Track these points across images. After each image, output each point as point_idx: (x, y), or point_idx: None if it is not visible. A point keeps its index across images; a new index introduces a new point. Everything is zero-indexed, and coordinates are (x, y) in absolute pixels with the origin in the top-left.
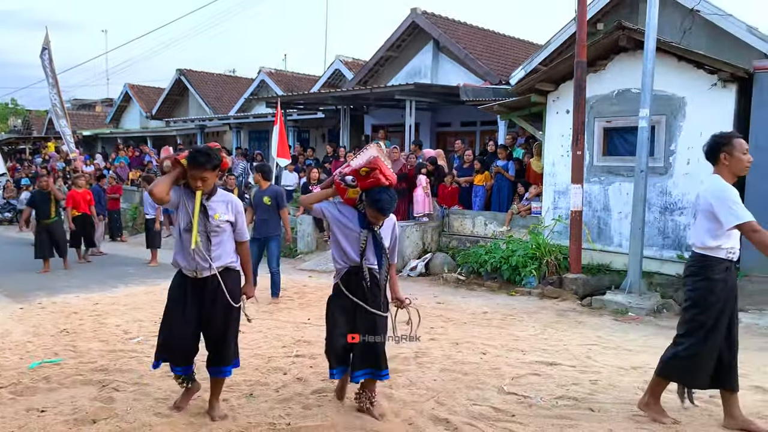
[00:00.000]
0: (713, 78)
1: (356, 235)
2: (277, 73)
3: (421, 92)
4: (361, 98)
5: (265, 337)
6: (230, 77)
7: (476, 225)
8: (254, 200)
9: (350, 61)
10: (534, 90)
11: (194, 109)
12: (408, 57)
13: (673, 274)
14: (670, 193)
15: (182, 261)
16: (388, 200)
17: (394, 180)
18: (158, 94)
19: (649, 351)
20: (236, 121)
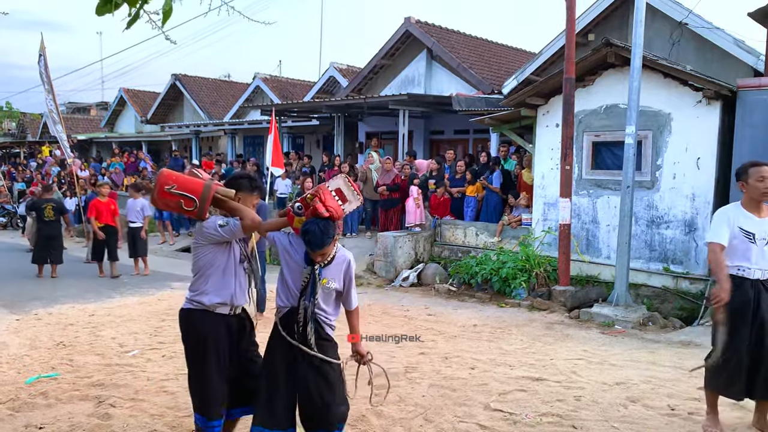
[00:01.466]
0: (698, 95)
1: (299, 271)
2: (272, 79)
3: (415, 102)
4: (355, 106)
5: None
6: (225, 82)
7: (468, 235)
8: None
9: (344, 68)
10: (524, 104)
11: (189, 114)
12: (402, 65)
13: (659, 286)
14: (657, 207)
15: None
16: (316, 233)
17: (336, 214)
18: (153, 98)
19: (632, 366)
20: (231, 126)
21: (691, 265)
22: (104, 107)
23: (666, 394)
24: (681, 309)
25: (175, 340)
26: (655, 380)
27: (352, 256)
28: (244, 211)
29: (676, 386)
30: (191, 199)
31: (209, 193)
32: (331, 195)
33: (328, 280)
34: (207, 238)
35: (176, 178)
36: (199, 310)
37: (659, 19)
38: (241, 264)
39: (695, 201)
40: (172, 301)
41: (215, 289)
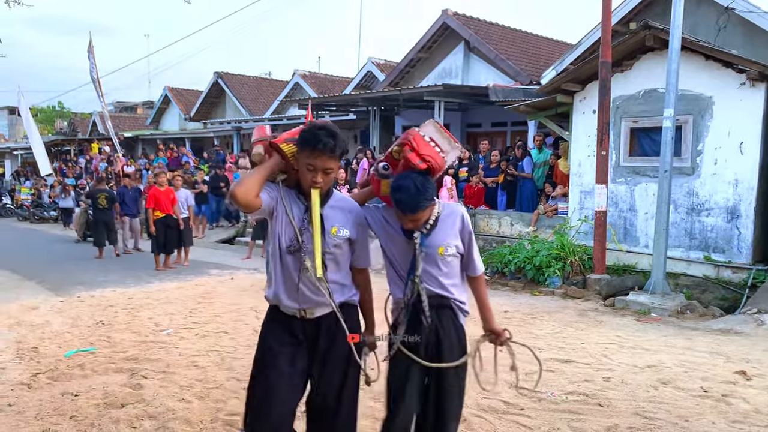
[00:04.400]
0: (741, 77)
1: (406, 244)
2: (311, 76)
3: (450, 93)
4: (391, 99)
5: None
6: (266, 80)
7: (502, 225)
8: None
9: (382, 63)
10: (560, 90)
11: (231, 111)
12: (439, 58)
13: (699, 276)
14: (697, 194)
15: (283, 295)
16: (411, 190)
17: (436, 164)
18: (196, 96)
19: (666, 350)
20: (271, 122)
21: (734, 254)
22: (150, 106)
23: (700, 377)
24: (722, 299)
25: (208, 321)
26: (689, 364)
27: (463, 209)
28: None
29: (712, 370)
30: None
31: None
32: (425, 141)
33: (445, 247)
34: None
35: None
36: (270, 304)
37: (705, 5)
38: (289, 252)
39: (738, 187)
40: (209, 286)
41: (269, 281)
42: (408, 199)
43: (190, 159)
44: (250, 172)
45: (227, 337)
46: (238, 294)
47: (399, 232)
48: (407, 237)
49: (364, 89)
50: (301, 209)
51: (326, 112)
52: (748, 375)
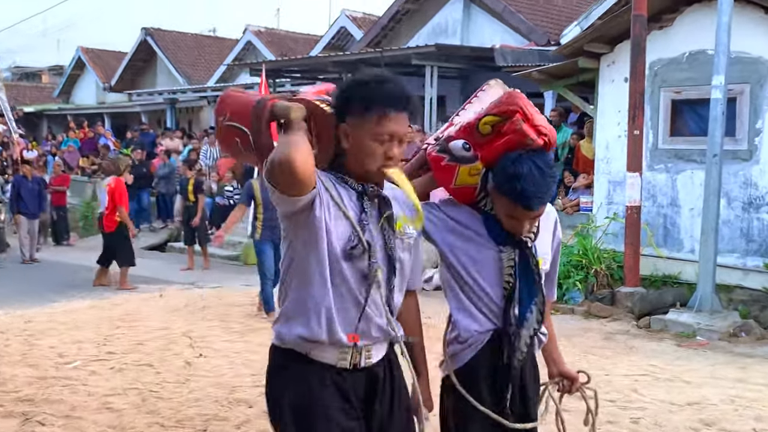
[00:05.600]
0: None
1: (493, 258)
2: (267, 33)
3: (446, 56)
4: (370, 64)
5: (231, 363)
6: (209, 38)
7: None
8: (264, 195)
9: (359, 16)
10: (583, 52)
11: (164, 79)
12: (432, 10)
13: (759, 288)
14: (756, 184)
15: (336, 327)
16: (537, 178)
17: (553, 139)
18: (119, 59)
19: (713, 383)
20: (215, 93)
21: None
22: (59, 72)
23: (753, 416)
24: None
25: (128, 350)
26: (741, 400)
27: (554, 211)
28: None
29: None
30: (244, 132)
31: (261, 114)
32: (535, 109)
33: (543, 260)
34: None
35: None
36: (281, 349)
37: None
38: (348, 259)
39: None
40: (131, 305)
41: (298, 308)
42: (536, 189)
43: (110, 141)
44: (294, 136)
45: (151, 372)
46: (168, 315)
47: (487, 238)
48: (499, 245)
49: (337, 50)
50: (352, 196)
51: (287, 79)
52: None
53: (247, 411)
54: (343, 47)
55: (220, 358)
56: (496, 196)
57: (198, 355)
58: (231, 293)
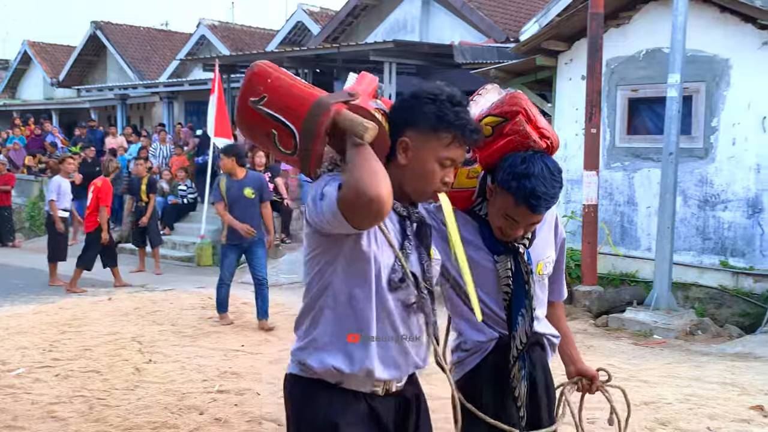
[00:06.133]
0: (764, 34)
1: (490, 268)
2: (222, 27)
3: (404, 52)
4: (328, 59)
5: (182, 368)
6: (161, 32)
7: None
8: (230, 194)
9: (317, 11)
10: (541, 50)
11: (114, 74)
12: (390, 6)
13: (714, 286)
14: (712, 182)
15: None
16: (547, 178)
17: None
18: (68, 54)
19: (669, 382)
20: (168, 89)
21: (755, 258)
22: (4, 66)
23: (707, 414)
24: (742, 315)
25: (75, 356)
26: (696, 399)
27: (556, 212)
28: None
29: (723, 406)
30: (289, 130)
31: (321, 119)
32: (537, 110)
33: (544, 263)
34: (311, 220)
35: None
36: (306, 378)
37: None
38: (393, 290)
39: (760, 173)
40: (78, 310)
41: (335, 339)
42: (546, 190)
43: (58, 138)
44: (373, 163)
45: (99, 378)
46: (117, 320)
47: (482, 247)
48: (494, 254)
49: (293, 45)
50: (394, 219)
51: (242, 75)
52: (766, 411)
53: (198, 418)
54: (299, 42)
55: (171, 363)
56: (499, 195)
57: (147, 361)
58: (183, 296)
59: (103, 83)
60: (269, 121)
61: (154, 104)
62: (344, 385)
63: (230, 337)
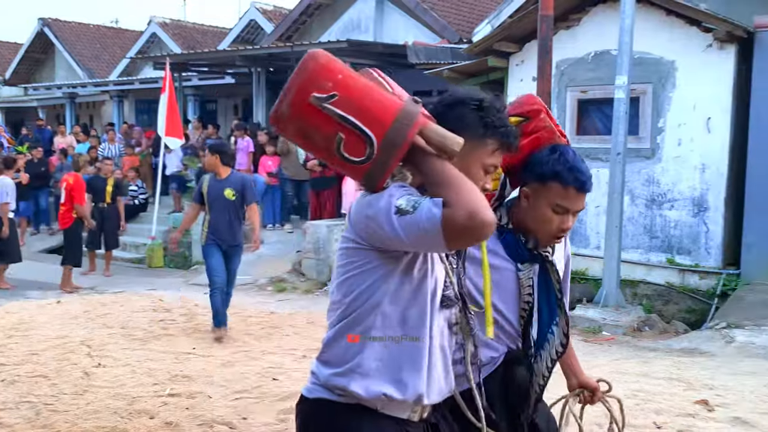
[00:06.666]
0: (708, 37)
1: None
2: (174, 25)
3: (359, 51)
4: (281, 58)
5: (132, 372)
6: (111, 30)
7: None
8: (210, 193)
9: (270, 9)
10: (493, 51)
11: (63, 72)
12: (344, 6)
13: (662, 283)
14: (658, 182)
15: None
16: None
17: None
18: (14, 51)
19: (617, 378)
20: (118, 87)
21: (701, 256)
22: None
23: (654, 410)
24: (688, 311)
25: (21, 361)
26: (643, 394)
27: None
28: (458, 186)
29: (669, 401)
30: (364, 136)
31: (410, 131)
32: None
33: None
34: (368, 234)
35: (345, 77)
36: (346, 405)
37: None
38: (442, 308)
39: (705, 173)
40: (25, 313)
41: (383, 365)
42: (586, 169)
43: (4, 138)
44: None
45: (46, 383)
46: (66, 323)
47: (502, 252)
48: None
49: (246, 44)
50: None
51: (194, 73)
52: (711, 405)
53: (149, 422)
54: (252, 41)
55: (121, 367)
56: (539, 192)
57: (97, 365)
58: (134, 298)
59: (51, 81)
60: (337, 123)
61: (103, 103)
62: (384, 411)
63: (181, 339)
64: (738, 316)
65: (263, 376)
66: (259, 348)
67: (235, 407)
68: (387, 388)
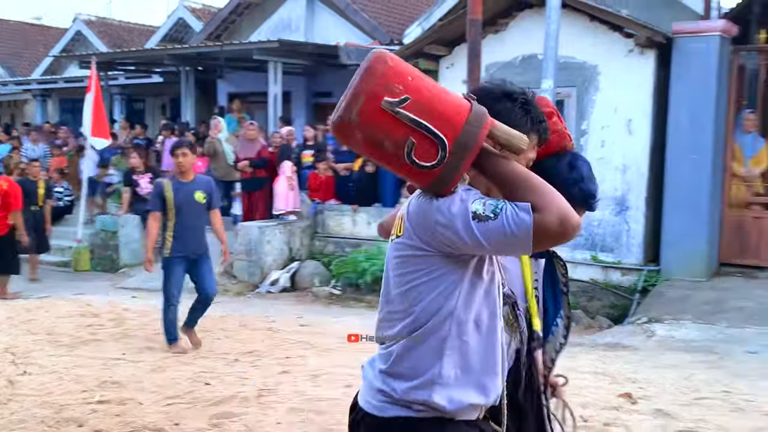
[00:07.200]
0: (630, 43)
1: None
2: (99, 22)
3: (290, 51)
4: (210, 58)
5: (60, 379)
6: (34, 27)
7: (358, 224)
8: (177, 198)
9: (199, 8)
10: (423, 54)
11: None
12: (274, 5)
13: (586, 280)
14: None
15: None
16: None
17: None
18: None
19: None
20: (41, 86)
21: (623, 253)
22: None
23: (580, 403)
24: (612, 306)
25: None
26: (570, 389)
27: None
28: (543, 190)
29: (594, 394)
30: (436, 140)
31: (481, 132)
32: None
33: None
34: (437, 241)
35: (414, 79)
36: (424, 419)
37: None
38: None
39: (627, 173)
40: None
41: (462, 372)
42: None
43: None
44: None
45: None
46: None
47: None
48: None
49: (175, 43)
50: None
51: (120, 72)
52: (634, 398)
53: (77, 431)
54: (181, 40)
55: (47, 374)
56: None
57: (22, 373)
58: (60, 303)
59: None
60: (409, 128)
61: (26, 102)
62: (461, 417)
63: (110, 345)
64: (658, 310)
65: (195, 381)
66: (191, 353)
67: (167, 413)
68: (471, 396)
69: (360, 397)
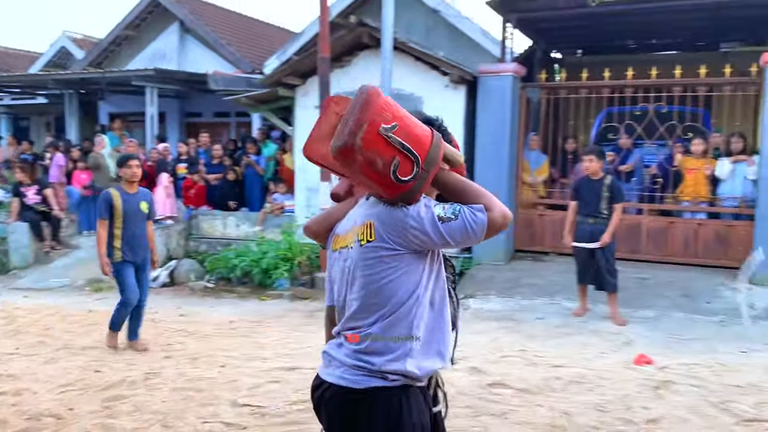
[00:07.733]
0: (446, 79)
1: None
2: None
3: (165, 78)
4: (92, 83)
5: None
6: None
7: (228, 226)
8: (126, 208)
9: (80, 38)
10: (282, 83)
11: None
12: (150, 37)
13: None
14: None
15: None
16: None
17: None
18: None
19: None
20: None
21: None
22: None
23: None
24: None
25: None
26: None
27: None
28: (486, 193)
29: None
30: (413, 158)
31: (441, 150)
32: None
33: None
34: (408, 242)
35: (397, 108)
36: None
37: (417, 5)
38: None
39: None
40: None
41: (426, 342)
42: None
43: None
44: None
45: None
46: None
47: None
48: None
49: (58, 68)
50: None
51: (5, 94)
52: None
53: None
54: (64, 66)
55: None
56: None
57: None
58: None
59: None
60: (396, 150)
61: None
62: (418, 384)
63: (3, 341)
64: (472, 288)
65: (86, 370)
66: (81, 344)
67: (61, 400)
68: (436, 363)
69: (328, 376)
